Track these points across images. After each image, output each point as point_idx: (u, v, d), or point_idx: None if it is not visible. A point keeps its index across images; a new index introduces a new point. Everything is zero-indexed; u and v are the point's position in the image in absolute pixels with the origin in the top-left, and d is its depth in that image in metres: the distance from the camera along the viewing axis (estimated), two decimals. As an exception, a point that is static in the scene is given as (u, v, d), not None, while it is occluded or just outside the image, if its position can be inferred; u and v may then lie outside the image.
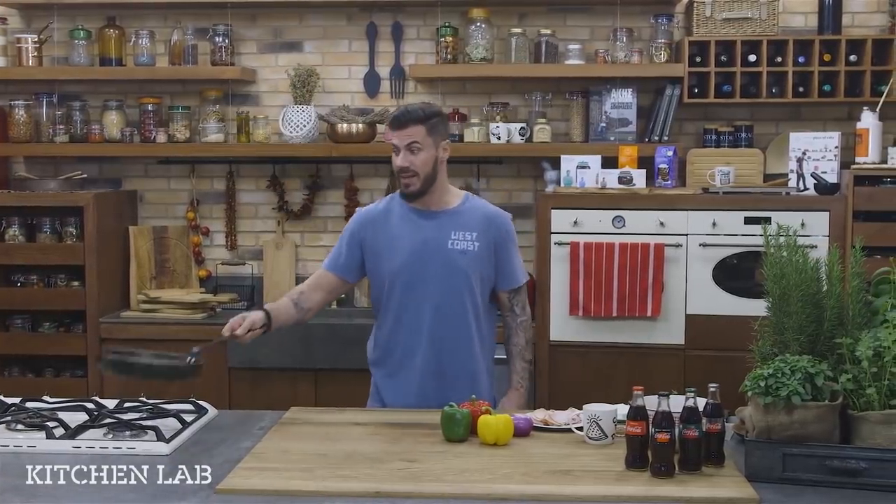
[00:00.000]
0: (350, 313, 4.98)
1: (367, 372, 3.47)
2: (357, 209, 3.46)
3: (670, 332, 4.53)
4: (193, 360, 3.03)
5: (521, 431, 2.85)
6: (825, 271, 2.69)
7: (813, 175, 4.58)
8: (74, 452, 2.71)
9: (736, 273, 4.53)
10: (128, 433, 2.84)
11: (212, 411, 3.14)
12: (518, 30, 5.02)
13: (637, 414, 2.55)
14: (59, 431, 2.85)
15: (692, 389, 2.55)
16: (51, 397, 3.21)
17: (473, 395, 2.98)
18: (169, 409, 3.03)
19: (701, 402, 2.55)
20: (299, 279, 5.06)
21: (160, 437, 2.77)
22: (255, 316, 3.19)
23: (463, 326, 3.32)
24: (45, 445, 2.76)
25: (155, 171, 5.35)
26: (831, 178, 4.57)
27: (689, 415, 2.51)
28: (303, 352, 4.66)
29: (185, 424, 2.93)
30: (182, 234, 5.28)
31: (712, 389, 2.58)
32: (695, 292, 4.53)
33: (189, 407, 3.12)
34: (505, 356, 3.48)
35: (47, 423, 2.88)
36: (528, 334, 3.46)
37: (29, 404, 3.14)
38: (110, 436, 2.83)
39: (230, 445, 2.80)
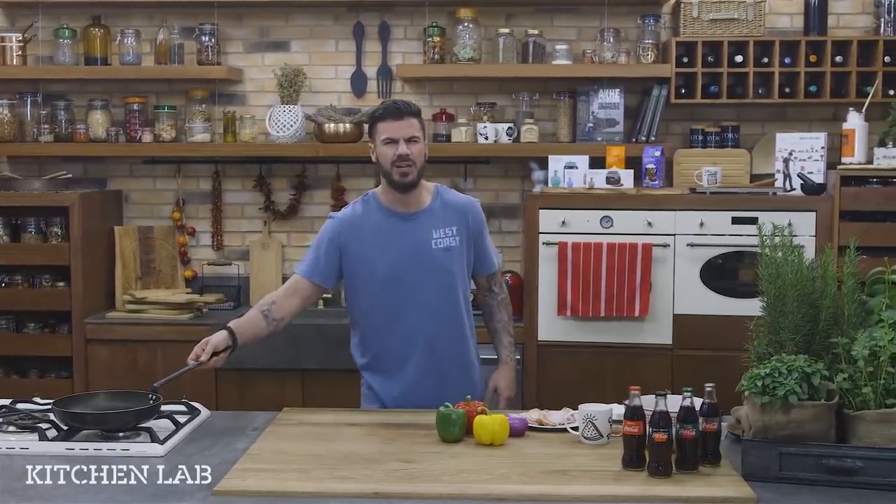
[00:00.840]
0: (338, 313, 4.95)
1: (356, 372, 3.45)
2: (330, 214, 3.41)
3: (658, 332, 4.54)
4: (153, 397, 2.95)
5: (517, 431, 2.86)
6: (819, 272, 2.71)
7: (799, 175, 4.60)
8: (68, 455, 2.69)
9: (723, 273, 4.55)
10: (121, 434, 2.83)
11: (204, 412, 3.13)
12: (505, 30, 5.02)
13: (634, 413, 2.55)
14: (52, 433, 2.83)
15: (689, 389, 2.56)
16: (41, 398, 3.18)
17: (469, 396, 2.98)
18: (162, 411, 3.01)
19: (697, 402, 2.56)
20: (286, 279, 5.02)
21: (154, 438, 2.76)
22: (218, 338, 3.08)
23: (458, 324, 3.34)
24: (39, 447, 2.74)
25: (140, 171, 5.32)
26: (818, 178, 4.60)
27: (686, 414, 2.52)
28: (290, 352, 4.63)
29: (178, 425, 2.92)
30: (168, 234, 5.25)
31: (708, 389, 2.59)
32: (682, 292, 4.54)
33: (182, 408, 3.11)
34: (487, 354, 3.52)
35: (39, 425, 2.86)
36: (508, 310, 3.53)
37: (20, 405, 3.11)
38: (104, 437, 2.82)
39: (225, 446, 2.79)
